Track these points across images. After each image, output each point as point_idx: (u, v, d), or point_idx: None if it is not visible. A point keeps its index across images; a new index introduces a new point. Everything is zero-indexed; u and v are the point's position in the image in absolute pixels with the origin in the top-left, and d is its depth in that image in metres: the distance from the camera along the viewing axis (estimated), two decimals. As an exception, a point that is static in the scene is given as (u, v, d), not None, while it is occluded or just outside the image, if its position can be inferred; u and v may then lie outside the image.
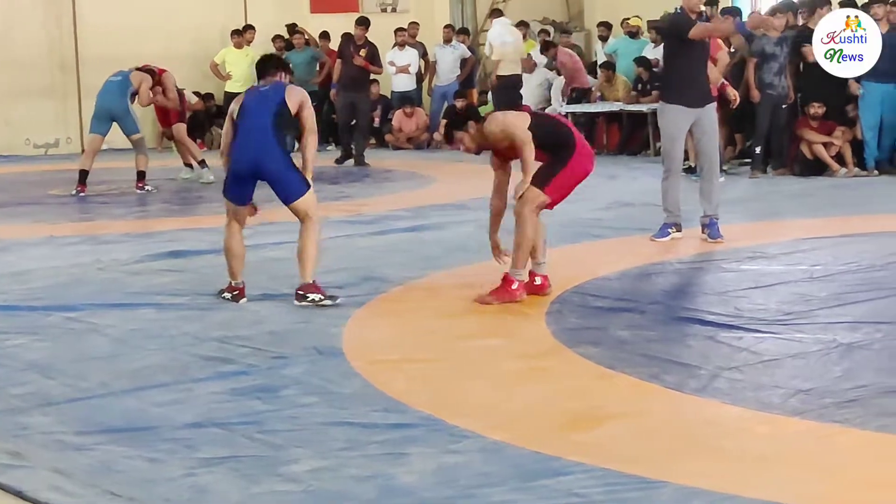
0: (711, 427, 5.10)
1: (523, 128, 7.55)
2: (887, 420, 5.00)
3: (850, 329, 6.64)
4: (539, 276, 7.84)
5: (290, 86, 8.00)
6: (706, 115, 9.81)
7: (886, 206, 11.78)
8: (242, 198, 7.91)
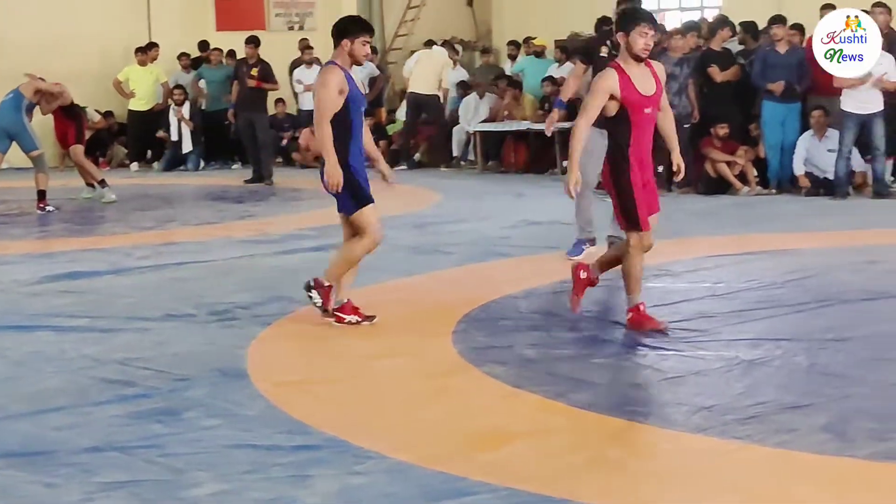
0: (616, 445, 5.12)
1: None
2: (786, 436, 5.05)
3: (751, 346, 6.70)
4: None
5: (327, 66, 7.52)
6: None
7: (787, 224, 11.93)
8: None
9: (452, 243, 10.86)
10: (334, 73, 7.39)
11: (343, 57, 7.46)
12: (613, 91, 7.10)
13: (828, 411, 5.41)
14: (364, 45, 7.46)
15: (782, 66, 14.27)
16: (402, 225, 12.18)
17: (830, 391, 5.75)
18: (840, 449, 4.89)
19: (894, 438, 4.97)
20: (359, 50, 7.44)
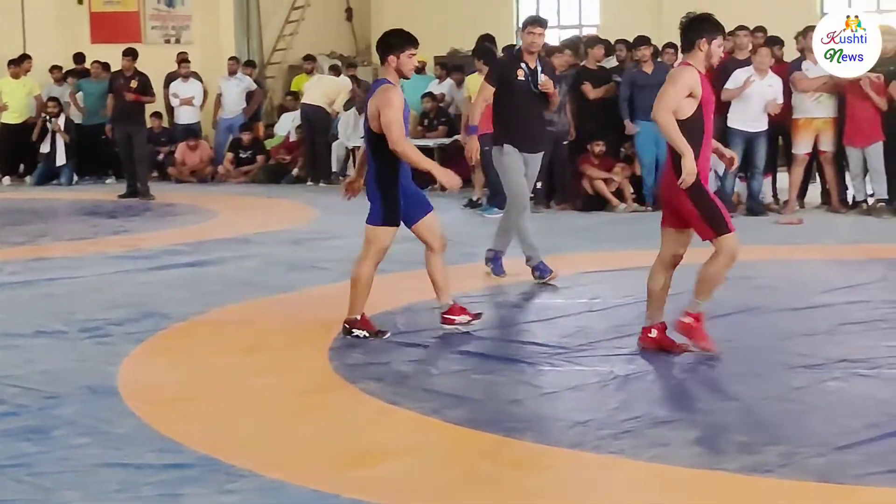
0: (492, 461, 5.11)
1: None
2: (659, 450, 5.10)
3: (626, 361, 6.75)
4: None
5: (382, 85, 7.47)
6: (533, 162, 9.76)
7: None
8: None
9: (329, 259, 10.80)
10: (397, 92, 7.37)
11: (391, 73, 7.45)
12: (694, 89, 6.88)
13: (700, 425, 5.48)
14: (410, 57, 7.45)
15: (650, 85, 14.41)
16: (279, 241, 12.10)
17: (703, 405, 5.83)
18: (711, 462, 4.95)
19: (764, 451, 5.04)
20: (405, 63, 7.43)
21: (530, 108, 9.60)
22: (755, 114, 13.64)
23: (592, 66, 15.16)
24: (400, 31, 7.69)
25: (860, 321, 7.73)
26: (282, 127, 20.43)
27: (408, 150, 7.36)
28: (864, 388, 6.21)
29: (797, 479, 4.75)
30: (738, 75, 13.65)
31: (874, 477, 4.75)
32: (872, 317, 7.83)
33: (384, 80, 7.48)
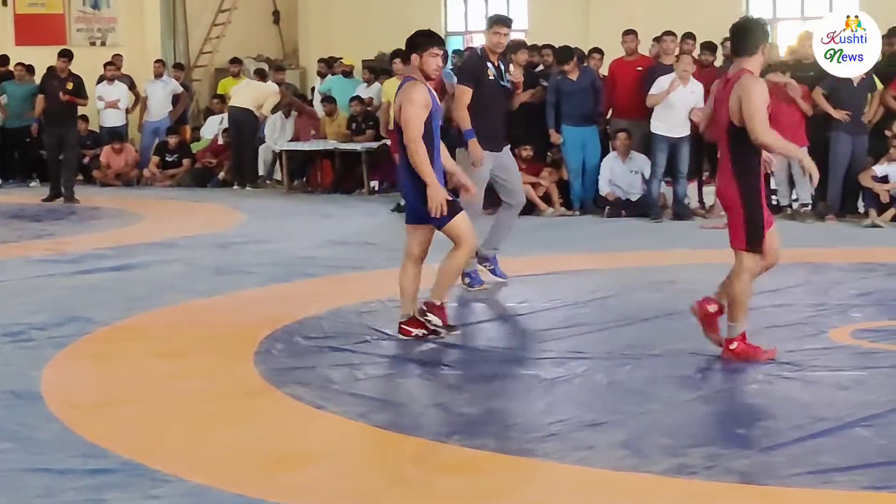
0: (418, 465, 5.12)
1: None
2: (585, 453, 5.12)
3: (553, 364, 6.77)
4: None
5: (408, 82, 7.51)
6: (506, 157, 9.70)
7: (590, 244, 12.11)
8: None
9: (256, 263, 10.75)
10: (418, 89, 7.38)
11: (416, 71, 7.47)
12: (766, 100, 6.83)
13: (625, 428, 5.50)
14: (433, 56, 7.46)
15: (576, 91, 14.50)
16: (205, 245, 12.02)
17: (628, 408, 5.85)
18: (636, 465, 4.97)
19: (688, 454, 5.07)
20: (428, 63, 7.44)
21: (496, 108, 9.60)
22: (678, 120, 13.73)
23: (520, 71, 15.20)
24: (427, 31, 7.82)
25: (784, 324, 7.81)
26: (208, 130, 20.29)
27: (420, 149, 7.34)
28: (787, 391, 6.27)
29: (721, 481, 4.79)
30: (662, 81, 13.75)
31: (797, 478, 4.79)
32: (796, 319, 7.91)
33: (411, 77, 7.53)
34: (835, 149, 13.60)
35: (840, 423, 5.51)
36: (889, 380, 6.41)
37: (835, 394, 6.17)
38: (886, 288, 9.13)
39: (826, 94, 13.57)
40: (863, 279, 9.60)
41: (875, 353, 6.99)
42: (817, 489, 4.69)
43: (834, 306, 8.37)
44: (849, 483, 4.72)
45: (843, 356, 6.93)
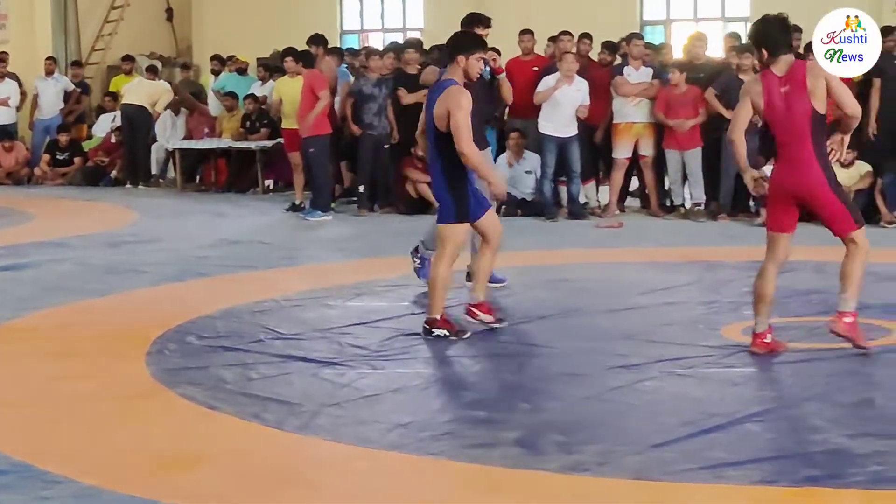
0: (311, 464, 5.10)
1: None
2: (480, 451, 5.13)
3: (449, 363, 6.81)
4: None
5: (451, 86, 7.48)
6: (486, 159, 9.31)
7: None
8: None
9: (149, 263, 10.63)
10: (465, 94, 7.42)
11: (458, 73, 7.49)
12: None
13: (520, 426, 5.51)
14: (478, 60, 7.52)
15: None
16: (96, 244, 11.85)
17: (523, 406, 5.86)
18: (530, 462, 4.99)
19: (581, 451, 5.10)
20: (473, 66, 7.51)
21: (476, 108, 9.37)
22: (566, 119, 13.80)
23: (412, 71, 15.13)
24: (472, 32, 7.98)
25: (677, 322, 7.88)
26: (100, 128, 20.01)
27: (474, 153, 7.41)
28: (680, 388, 6.33)
29: (614, 478, 4.81)
30: (548, 81, 13.81)
31: (688, 473, 4.84)
32: (689, 318, 7.99)
33: (452, 80, 7.53)
34: (726, 149, 13.76)
35: (731, 419, 5.57)
36: (778, 376, 6.51)
37: (725, 390, 6.24)
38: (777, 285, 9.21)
39: (718, 95, 13.73)
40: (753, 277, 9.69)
41: (766, 349, 7.07)
42: (709, 484, 4.74)
43: (726, 304, 8.47)
44: (740, 477, 4.77)
45: (734, 353, 7.01)
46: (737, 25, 20.68)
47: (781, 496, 4.62)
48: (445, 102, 7.39)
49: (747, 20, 20.44)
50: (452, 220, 7.48)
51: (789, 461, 4.96)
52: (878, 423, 5.51)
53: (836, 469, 4.84)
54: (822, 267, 10.17)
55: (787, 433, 5.36)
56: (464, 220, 7.49)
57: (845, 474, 4.78)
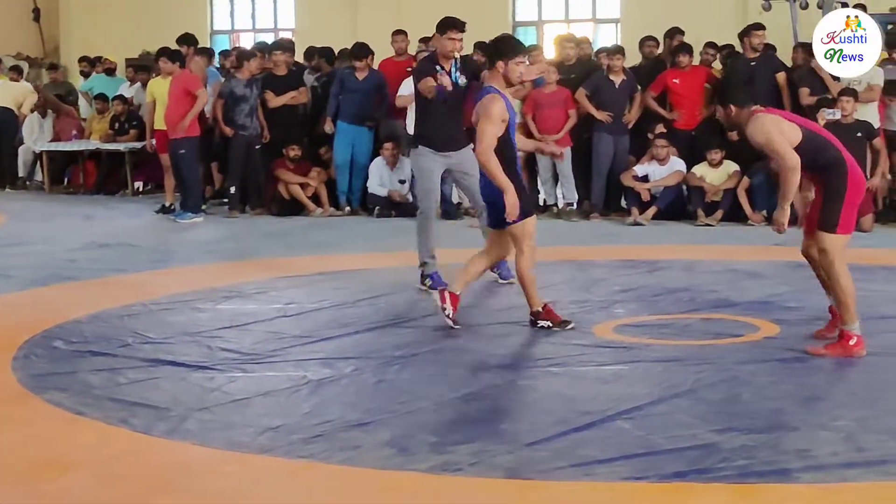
0: (179, 469, 5.02)
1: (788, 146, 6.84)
2: (351, 453, 5.10)
3: (320, 365, 6.73)
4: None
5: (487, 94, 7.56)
6: (466, 158, 9.36)
7: (360, 244, 12.12)
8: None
9: (15, 266, 10.42)
10: (498, 103, 7.42)
11: (498, 79, 7.49)
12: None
13: (392, 427, 5.49)
14: (518, 65, 7.53)
15: (359, 90, 14.49)
16: (-40, 248, 11.60)
17: (395, 407, 5.84)
18: (402, 463, 4.97)
19: (452, 451, 5.09)
20: (513, 70, 7.53)
21: (446, 111, 9.42)
22: None
23: (280, 73, 15.04)
24: (510, 37, 8.00)
25: (549, 321, 7.91)
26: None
27: (491, 163, 7.44)
28: (552, 386, 6.37)
29: (486, 477, 4.81)
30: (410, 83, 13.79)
31: (561, 471, 4.86)
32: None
33: (491, 87, 7.58)
34: (597, 149, 13.93)
35: (602, 417, 5.61)
36: (649, 373, 6.56)
37: (598, 388, 6.28)
38: (647, 284, 9.36)
39: (589, 96, 13.88)
40: (625, 276, 9.83)
41: (636, 347, 7.15)
42: (580, 481, 4.76)
43: (597, 302, 8.54)
44: (610, 474, 4.81)
45: (606, 351, 7.07)
46: (608, 27, 20.98)
47: (649, 492, 4.66)
48: (478, 109, 7.55)
49: (618, 21, 20.77)
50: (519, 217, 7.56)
51: (658, 457, 5.00)
52: (745, 419, 5.58)
53: (704, 464, 4.90)
54: (691, 266, 10.34)
55: (657, 430, 5.40)
56: (527, 215, 7.61)
57: (713, 469, 4.84)
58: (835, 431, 5.35)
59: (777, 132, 6.83)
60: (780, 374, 6.50)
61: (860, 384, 6.32)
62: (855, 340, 6.88)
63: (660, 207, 13.41)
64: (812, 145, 6.86)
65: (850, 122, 12.72)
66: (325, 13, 21.48)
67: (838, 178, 6.84)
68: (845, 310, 6.88)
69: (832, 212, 6.84)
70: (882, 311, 8.17)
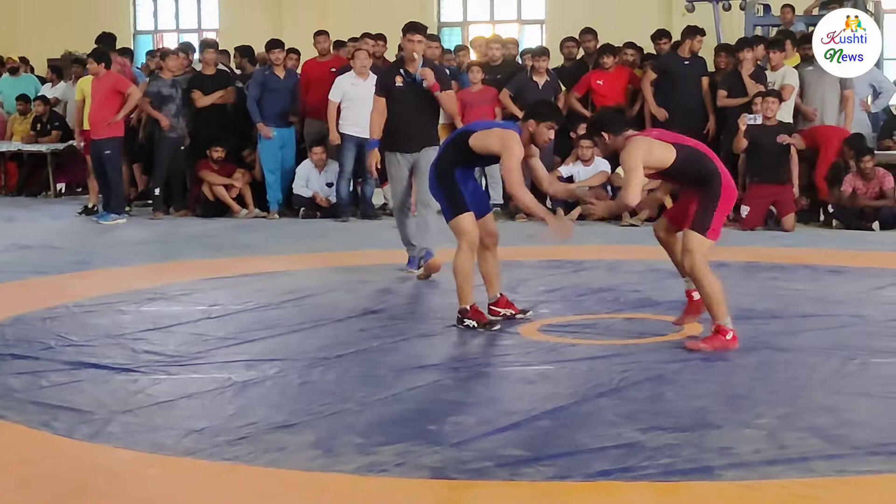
0: (102, 472, 4.98)
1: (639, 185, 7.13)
2: (276, 455, 5.07)
3: (245, 367, 6.69)
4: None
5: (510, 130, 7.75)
6: (423, 158, 9.64)
7: (285, 246, 12.06)
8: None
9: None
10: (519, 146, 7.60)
11: (525, 133, 7.68)
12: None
13: (317, 428, 5.48)
14: (549, 129, 7.68)
15: (281, 90, 14.43)
16: None
17: (320, 408, 5.82)
18: (327, 465, 4.95)
19: (377, 452, 5.08)
20: (542, 134, 7.66)
21: (411, 112, 9.80)
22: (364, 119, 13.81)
23: (209, 72, 14.96)
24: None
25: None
26: None
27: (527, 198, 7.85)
28: (478, 387, 6.40)
29: (412, 477, 4.81)
30: (340, 82, 13.78)
31: (486, 471, 4.86)
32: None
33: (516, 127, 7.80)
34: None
35: (527, 416, 5.63)
36: (573, 372, 6.59)
37: (523, 388, 6.32)
38: (572, 284, 9.41)
39: (512, 96, 13.93)
40: (550, 276, 9.87)
41: (561, 347, 7.18)
42: (505, 481, 4.77)
43: (523, 303, 8.55)
44: (535, 474, 4.82)
45: (531, 351, 7.10)
46: (533, 27, 21.07)
47: (573, 490, 4.68)
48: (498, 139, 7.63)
49: (543, 23, 20.86)
50: (450, 214, 7.76)
51: (583, 456, 5.02)
52: (669, 417, 5.63)
53: (628, 462, 4.93)
54: (615, 266, 10.40)
55: (582, 429, 5.43)
56: (461, 211, 7.73)
57: (637, 467, 4.87)
58: (757, 429, 5.40)
59: (642, 164, 7.06)
60: (704, 373, 6.56)
61: (782, 382, 6.38)
62: (731, 335, 7.06)
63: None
64: (688, 161, 7.12)
65: (773, 125, 12.86)
66: (249, 13, 21.39)
67: (714, 188, 7.07)
68: (716, 306, 7.07)
69: (706, 215, 7.05)
70: (803, 310, 8.27)
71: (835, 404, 5.87)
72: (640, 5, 19.21)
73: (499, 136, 7.67)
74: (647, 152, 7.07)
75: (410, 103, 9.82)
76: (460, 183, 7.81)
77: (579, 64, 14.79)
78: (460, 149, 7.78)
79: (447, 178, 7.79)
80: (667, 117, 13.57)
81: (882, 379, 6.39)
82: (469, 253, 7.76)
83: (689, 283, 7.40)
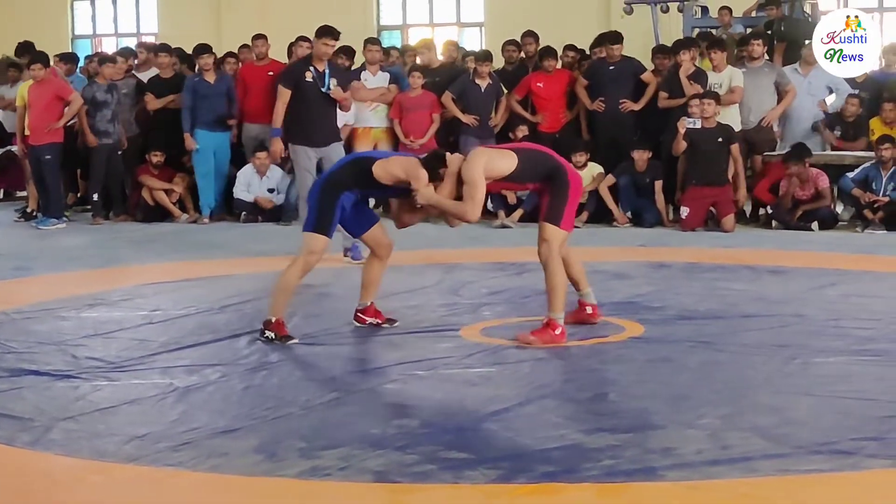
0: (44, 480, 4.95)
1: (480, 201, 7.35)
2: (219, 460, 5.06)
3: (187, 372, 6.66)
4: (588, 305, 7.88)
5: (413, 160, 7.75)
6: (334, 152, 10.58)
7: (225, 250, 11.98)
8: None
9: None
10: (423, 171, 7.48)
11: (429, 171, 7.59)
12: None
13: (260, 433, 5.46)
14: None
15: (212, 95, 14.33)
16: None
17: (263, 413, 5.81)
18: (270, 469, 4.94)
19: (321, 456, 5.07)
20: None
21: (318, 107, 10.68)
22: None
23: (166, 75, 14.88)
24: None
25: (418, 324, 7.94)
26: None
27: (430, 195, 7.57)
28: (421, 389, 6.39)
29: (355, 481, 4.81)
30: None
31: (430, 474, 4.87)
32: (429, 319, 8.07)
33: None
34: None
35: (470, 419, 5.66)
36: (515, 374, 6.61)
37: (465, 390, 6.32)
38: (515, 286, 9.43)
39: (455, 99, 13.95)
40: (493, 278, 9.89)
41: (503, 349, 7.19)
42: (449, 484, 4.78)
43: (465, 305, 8.58)
44: (477, 477, 4.83)
45: (473, 354, 7.10)
46: (472, 30, 21.12)
47: (516, 492, 4.69)
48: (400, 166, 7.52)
49: (482, 25, 20.92)
50: (310, 228, 7.58)
51: (526, 458, 5.04)
52: (612, 419, 5.66)
53: (571, 464, 4.95)
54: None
55: (525, 431, 5.45)
56: (320, 232, 7.54)
57: (580, 469, 4.89)
58: (700, 430, 5.44)
59: (484, 175, 7.28)
60: (646, 374, 6.60)
61: (724, 383, 6.42)
62: (560, 330, 7.31)
63: (526, 210, 13.48)
64: (532, 162, 7.45)
65: (711, 126, 12.94)
66: (187, 18, 21.29)
67: (561, 181, 7.40)
68: (557, 299, 7.33)
69: (557, 207, 7.37)
70: (744, 310, 8.33)
71: (777, 404, 5.92)
72: (578, 8, 19.31)
73: (401, 164, 7.59)
74: (489, 162, 7.32)
75: (317, 99, 10.65)
76: (340, 206, 7.57)
77: (520, 66, 14.84)
78: (360, 174, 7.56)
79: (329, 195, 7.54)
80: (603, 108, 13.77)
81: (824, 378, 6.44)
82: (300, 272, 7.63)
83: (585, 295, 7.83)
